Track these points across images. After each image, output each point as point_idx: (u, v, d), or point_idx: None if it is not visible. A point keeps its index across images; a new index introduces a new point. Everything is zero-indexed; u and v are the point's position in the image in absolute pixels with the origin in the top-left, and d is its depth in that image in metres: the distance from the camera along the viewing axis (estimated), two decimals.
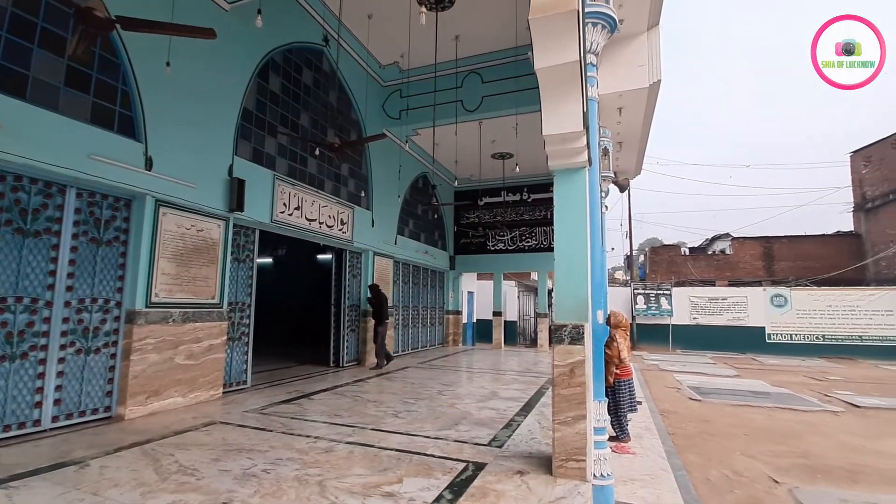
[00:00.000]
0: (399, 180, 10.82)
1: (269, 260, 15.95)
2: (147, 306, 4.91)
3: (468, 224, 14.82)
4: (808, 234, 20.24)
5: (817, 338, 15.45)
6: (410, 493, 2.89)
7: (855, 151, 19.58)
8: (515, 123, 9.23)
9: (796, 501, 3.65)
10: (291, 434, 4.21)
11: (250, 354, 6.56)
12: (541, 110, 3.37)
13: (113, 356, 4.75)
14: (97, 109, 4.59)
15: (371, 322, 9.30)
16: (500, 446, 3.97)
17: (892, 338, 14.78)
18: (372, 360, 9.42)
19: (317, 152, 7.67)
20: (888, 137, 17.58)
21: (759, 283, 17.83)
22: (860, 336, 15.10)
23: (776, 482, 4.07)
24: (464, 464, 3.46)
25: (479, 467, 3.38)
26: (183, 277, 5.37)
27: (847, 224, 20.32)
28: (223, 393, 5.86)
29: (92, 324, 4.60)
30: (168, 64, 4.59)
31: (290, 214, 7.22)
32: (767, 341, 15.85)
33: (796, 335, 15.68)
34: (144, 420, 4.63)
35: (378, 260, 10.09)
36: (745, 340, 16.01)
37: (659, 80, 6.72)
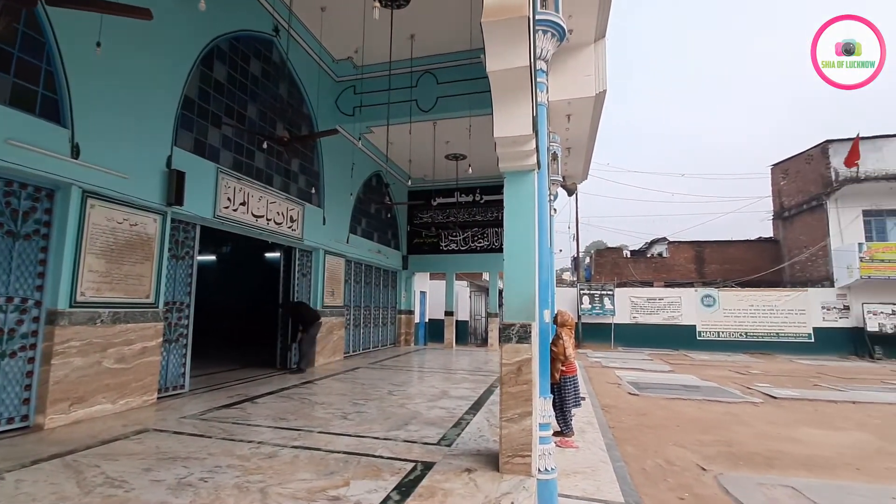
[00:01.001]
0: (352, 178, 10.64)
1: (212, 258, 15.18)
2: (71, 306, 4.53)
3: (422, 224, 14.82)
4: (734, 239, 21.99)
5: (741, 335, 16.83)
6: (357, 495, 2.85)
7: (775, 165, 21.43)
8: (469, 125, 9.34)
9: (720, 487, 3.95)
10: (232, 440, 4.03)
11: (189, 357, 6.22)
12: (492, 113, 3.43)
13: (31, 360, 4.34)
14: (18, 90, 4.18)
15: (321, 322, 9.10)
16: (449, 445, 4.00)
17: (803, 335, 16.35)
18: (321, 360, 9.22)
19: (265, 146, 7.39)
20: (803, 153, 19.37)
21: (691, 285, 19.11)
22: (777, 333, 16.59)
23: (704, 469, 4.38)
24: (412, 464, 3.45)
25: (428, 467, 3.39)
26: (114, 275, 5.00)
27: (768, 231, 22.18)
28: (158, 398, 5.51)
29: (6, 325, 4.17)
30: (98, 44, 4.25)
31: (236, 210, 6.91)
32: (698, 338, 17.06)
33: (723, 333, 16.99)
34: (68, 429, 4.26)
35: (329, 259, 9.88)
36: (678, 338, 17.15)
37: (604, 91, 7.03)
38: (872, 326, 15.33)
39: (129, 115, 5.15)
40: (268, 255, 13.66)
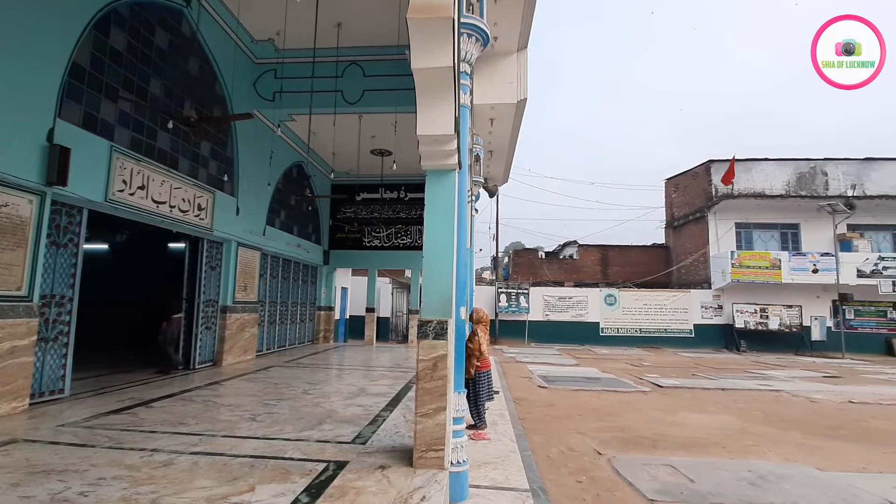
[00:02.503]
0: (270, 167, 10.10)
1: (105, 247, 13.54)
2: None
3: (344, 219, 14.47)
4: (634, 244, 24.27)
5: (637, 331, 18.68)
6: (263, 500, 2.74)
7: (668, 179, 23.96)
8: (395, 121, 9.30)
9: (612, 468, 4.36)
10: (121, 448, 3.66)
11: (70, 358, 5.51)
12: (416, 110, 3.47)
13: None
14: None
15: (231, 319, 8.57)
16: (364, 443, 3.98)
17: (686, 331, 18.54)
18: (230, 360, 8.68)
19: (170, 125, 6.74)
20: (691, 170, 21.87)
21: (596, 285, 20.78)
22: (665, 329, 18.64)
23: (599, 454, 4.79)
24: (325, 464, 3.39)
25: (341, 466, 3.35)
26: None
27: (661, 238, 24.70)
28: (31, 405, 4.83)
29: None
30: None
31: (133, 194, 6.25)
32: (601, 334, 18.64)
33: (622, 329, 18.74)
34: None
35: (243, 251, 9.29)
36: (584, 334, 18.60)
37: (525, 99, 7.39)
38: (739, 323, 17.76)
39: None
40: (172, 245, 12.48)
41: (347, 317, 16.86)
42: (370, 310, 14.82)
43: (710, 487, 3.89)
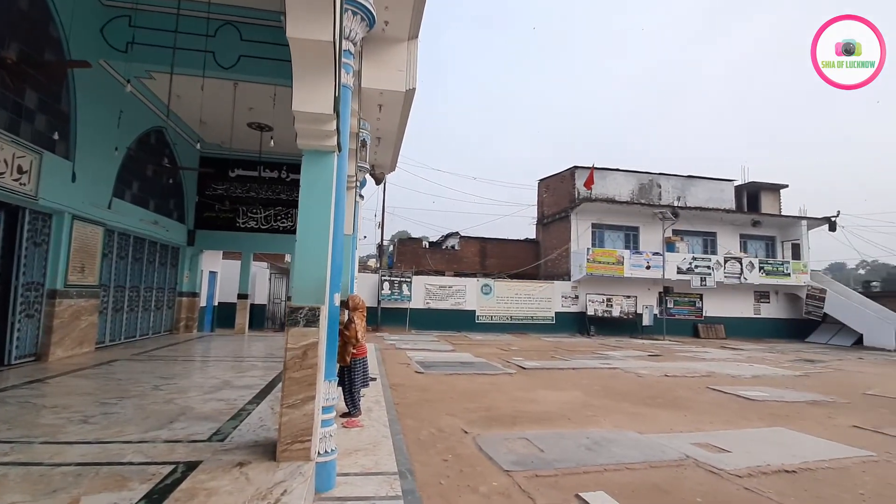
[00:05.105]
0: (119, 129, 8.69)
1: None
2: None
3: (215, 196, 13.10)
4: (511, 238, 26.17)
5: (508, 318, 20.31)
6: None
7: (541, 179, 26.29)
8: (274, 93, 8.66)
9: (476, 445, 4.70)
10: None
11: None
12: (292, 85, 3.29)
13: None
14: None
15: (62, 306, 7.26)
16: (222, 440, 3.71)
17: (549, 318, 20.71)
18: (59, 353, 7.37)
19: None
20: (560, 173, 24.29)
21: (474, 275, 22.01)
22: (532, 317, 20.57)
23: (466, 433, 5.13)
24: (172, 466, 3.07)
25: (192, 466, 3.07)
26: None
27: (533, 233, 26.98)
28: None
29: None
30: None
31: None
32: (476, 321, 19.88)
33: (496, 316, 20.22)
34: None
35: (80, 226, 7.89)
36: (461, 321, 19.65)
37: (414, 88, 7.44)
38: (591, 311, 20.40)
39: None
40: None
41: (216, 304, 15.38)
42: (243, 296, 13.71)
43: (556, 455, 4.43)
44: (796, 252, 23.82)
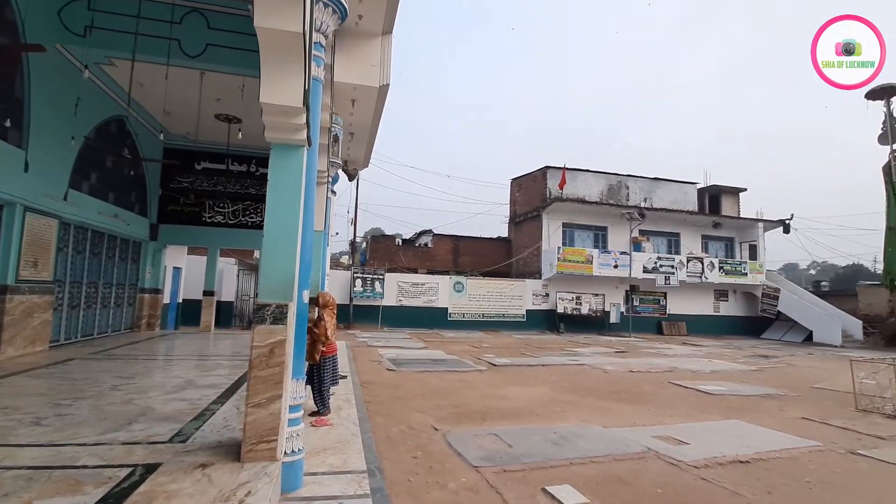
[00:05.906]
0: (77, 117, 8.27)
1: None
2: None
3: (179, 189, 12.67)
4: (483, 236, 26.38)
5: (480, 316, 20.49)
6: None
7: (514, 179, 26.58)
8: (243, 85, 8.44)
9: (446, 442, 4.73)
10: None
11: None
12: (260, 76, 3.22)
13: None
14: None
15: (13, 303, 6.87)
16: (184, 441, 3.60)
17: (520, 315, 20.99)
18: (10, 352, 6.98)
19: None
20: (531, 173, 24.62)
21: (447, 273, 22.07)
22: (503, 314, 20.82)
23: (436, 430, 5.16)
24: (130, 469, 2.97)
25: (151, 469, 2.97)
26: None
27: (505, 231, 27.26)
28: None
29: None
30: None
31: None
32: (448, 319, 19.95)
33: (468, 314, 20.35)
34: None
35: (32, 218, 7.49)
36: (434, 318, 19.68)
37: (387, 84, 7.38)
38: (560, 309, 20.78)
39: None
40: None
41: (180, 301, 14.88)
42: (209, 293, 13.31)
43: (524, 450, 4.51)
44: (753, 253, 24.95)
